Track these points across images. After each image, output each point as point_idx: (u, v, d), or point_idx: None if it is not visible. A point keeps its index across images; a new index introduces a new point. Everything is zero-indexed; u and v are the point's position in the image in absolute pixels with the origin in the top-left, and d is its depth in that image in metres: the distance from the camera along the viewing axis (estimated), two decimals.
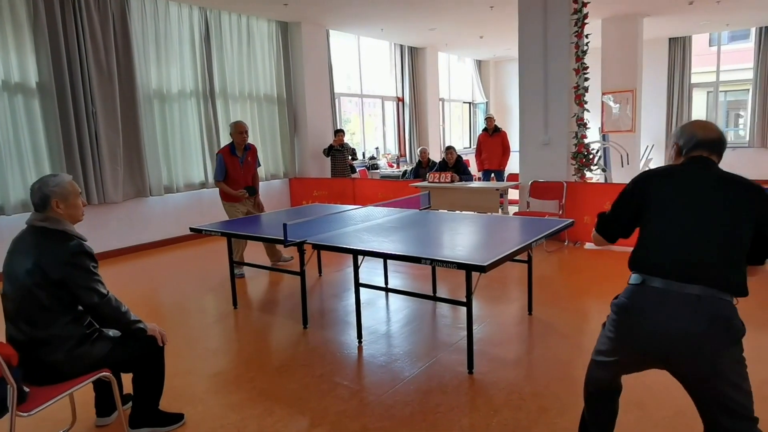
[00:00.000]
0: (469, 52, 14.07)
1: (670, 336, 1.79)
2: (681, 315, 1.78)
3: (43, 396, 2.30)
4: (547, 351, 3.61)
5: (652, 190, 1.95)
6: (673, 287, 1.81)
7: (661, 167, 2.02)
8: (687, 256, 1.82)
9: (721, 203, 1.84)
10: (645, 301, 1.85)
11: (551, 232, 3.73)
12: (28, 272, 2.35)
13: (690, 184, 1.90)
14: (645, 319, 1.83)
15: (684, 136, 2.02)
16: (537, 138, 6.94)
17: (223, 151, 5.64)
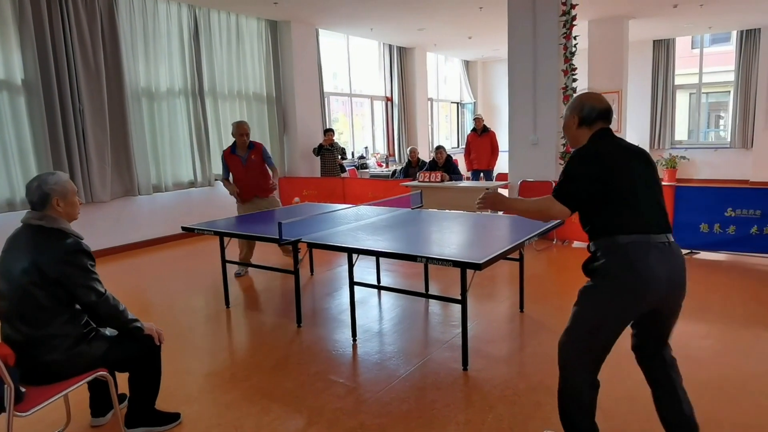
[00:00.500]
0: (458, 53, 14.14)
1: (671, 277, 2.13)
2: (671, 259, 2.12)
3: (40, 396, 2.29)
4: (540, 347, 3.66)
5: (611, 168, 2.15)
6: (656, 239, 2.11)
7: (598, 147, 2.21)
8: (654, 214, 2.15)
9: (646, 167, 2.21)
10: (646, 253, 2.08)
11: (543, 231, 3.78)
12: (24, 271, 2.33)
13: (624, 158, 2.18)
14: (650, 267, 2.07)
15: (585, 108, 2.25)
16: (526, 138, 7.01)
17: (225, 151, 5.69)
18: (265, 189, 5.69)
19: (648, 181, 2.18)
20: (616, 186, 2.12)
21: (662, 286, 2.10)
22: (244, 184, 5.61)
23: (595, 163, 2.15)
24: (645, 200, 2.14)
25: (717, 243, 5.75)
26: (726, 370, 3.24)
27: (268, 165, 5.72)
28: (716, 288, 4.81)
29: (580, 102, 2.27)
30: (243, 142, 5.57)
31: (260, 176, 5.65)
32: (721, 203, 5.69)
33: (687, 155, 12.70)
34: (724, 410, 2.78)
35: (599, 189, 2.13)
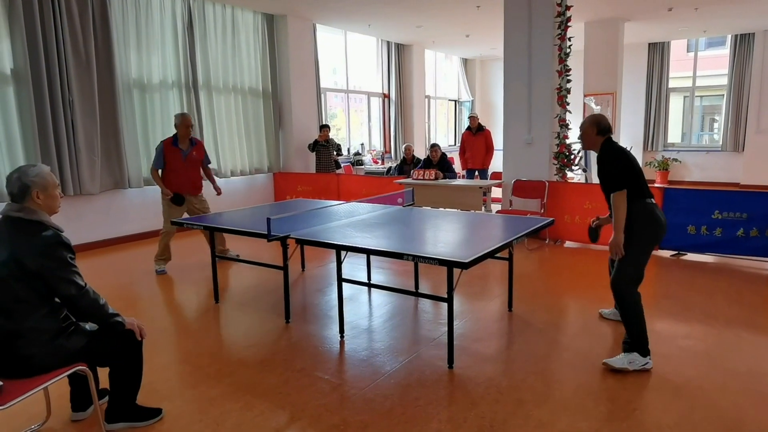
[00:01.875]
0: (456, 50, 14.12)
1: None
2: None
3: (18, 389, 2.26)
4: (526, 346, 3.65)
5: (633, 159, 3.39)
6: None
7: (621, 147, 3.42)
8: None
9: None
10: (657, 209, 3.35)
11: (531, 231, 3.77)
12: (2, 263, 2.30)
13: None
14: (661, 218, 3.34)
15: (601, 124, 3.41)
16: (520, 137, 7.00)
17: (166, 142, 5.55)
18: (198, 187, 5.69)
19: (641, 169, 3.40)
20: (638, 169, 3.34)
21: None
22: (181, 179, 5.53)
23: (628, 157, 3.34)
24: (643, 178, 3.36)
25: (704, 245, 5.77)
26: (707, 369, 3.25)
27: (206, 164, 5.75)
28: (701, 289, 4.82)
29: (598, 119, 3.42)
30: (187, 133, 5.52)
31: (196, 173, 5.67)
32: (709, 205, 5.71)
33: (679, 158, 12.74)
34: (701, 411, 2.78)
35: (633, 170, 3.29)
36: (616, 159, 3.31)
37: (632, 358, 3.24)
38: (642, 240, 3.28)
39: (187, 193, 5.59)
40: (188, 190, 5.59)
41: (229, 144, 8.48)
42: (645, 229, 3.27)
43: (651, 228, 3.29)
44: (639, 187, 3.29)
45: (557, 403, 2.88)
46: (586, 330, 3.94)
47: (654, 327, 4.06)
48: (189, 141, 5.57)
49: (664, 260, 5.88)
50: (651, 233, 3.30)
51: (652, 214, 3.28)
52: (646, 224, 3.27)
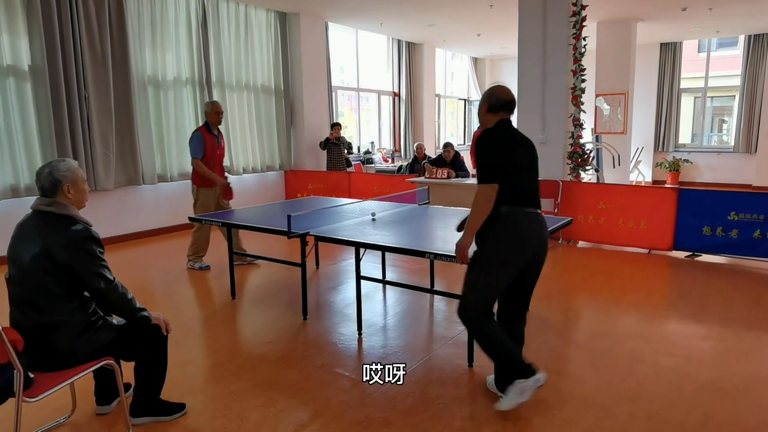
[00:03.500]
0: (466, 50, 14.10)
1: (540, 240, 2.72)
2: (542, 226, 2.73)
3: (49, 382, 2.29)
4: (544, 345, 3.66)
5: (516, 151, 2.68)
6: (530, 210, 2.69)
7: (508, 133, 2.71)
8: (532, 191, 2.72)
9: (532, 156, 2.74)
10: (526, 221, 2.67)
11: (553, 230, 3.77)
12: (34, 257, 2.32)
13: (516, 143, 2.70)
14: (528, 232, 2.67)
15: (493, 99, 2.69)
16: (534, 137, 6.87)
17: (201, 129, 5.50)
18: (225, 176, 5.71)
19: (529, 167, 2.72)
20: (521, 166, 2.65)
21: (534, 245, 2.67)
22: (217, 167, 5.54)
23: (504, 145, 2.65)
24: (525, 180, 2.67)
25: (719, 246, 5.74)
26: (727, 371, 3.24)
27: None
28: (717, 291, 4.80)
29: (491, 92, 2.73)
30: (218, 121, 5.51)
31: (222, 162, 5.71)
32: (725, 207, 5.69)
33: (690, 158, 12.68)
34: (725, 412, 2.78)
35: (504, 165, 2.60)
36: (490, 145, 2.63)
37: (520, 389, 2.64)
38: (492, 254, 2.62)
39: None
40: (222, 178, 5.61)
41: (241, 141, 8.50)
42: (499, 241, 2.60)
43: (508, 242, 2.59)
44: (513, 187, 2.58)
45: (579, 402, 2.88)
46: (603, 330, 3.94)
47: (673, 328, 4.06)
48: (218, 129, 5.58)
49: (678, 261, 5.86)
50: (506, 248, 2.60)
51: (515, 224, 2.59)
52: (502, 236, 2.59)
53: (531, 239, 2.64)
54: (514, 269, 2.65)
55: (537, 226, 2.68)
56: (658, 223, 6.04)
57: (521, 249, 2.62)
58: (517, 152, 2.65)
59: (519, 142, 2.72)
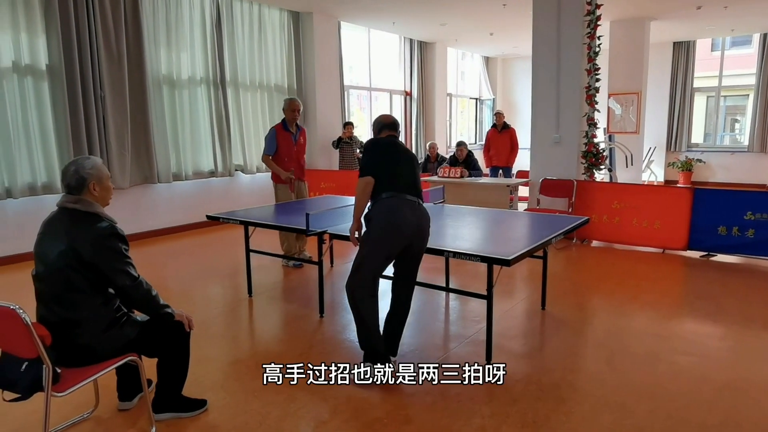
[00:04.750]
0: (478, 49, 14.08)
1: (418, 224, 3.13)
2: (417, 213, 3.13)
3: (75, 377, 2.32)
4: (561, 344, 3.66)
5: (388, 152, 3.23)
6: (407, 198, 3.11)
7: (381, 140, 3.29)
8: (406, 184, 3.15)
9: (407, 156, 3.28)
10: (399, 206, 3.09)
11: (569, 229, 3.77)
12: (61, 254, 2.35)
13: (395, 149, 3.25)
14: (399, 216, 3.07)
15: (377, 125, 3.35)
16: (548, 136, 6.97)
17: (277, 126, 5.57)
18: (304, 172, 5.74)
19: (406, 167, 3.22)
20: (391, 161, 3.17)
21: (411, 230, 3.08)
22: (292, 163, 5.55)
23: (378, 149, 3.25)
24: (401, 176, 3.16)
25: (735, 246, 5.70)
26: (746, 371, 3.22)
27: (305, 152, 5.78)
28: (734, 291, 4.77)
29: (377, 120, 3.38)
30: (294, 118, 5.53)
31: (302, 159, 5.70)
32: (741, 206, 5.65)
33: (703, 158, 12.58)
34: (745, 412, 2.77)
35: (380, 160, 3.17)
36: (367, 150, 3.29)
37: (365, 365, 3.05)
38: (372, 236, 3.09)
39: (297, 179, 5.62)
40: (298, 175, 5.61)
41: (255, 140, 8.54)
42: (377, 225, 3.07)
43: (382, 225, 3.06)
44: (387, 178, 3.09)
45: (598, 400, 2.88)
46: (619, 328, 3.93)
47: (690, 327, 4.05)
48: (296, 126, 5.61)
49: (693, 261, 5.83)
50: (380, 231, 3.06)
51: (389, 210, 3.05)
52: (378, 219, 3.07)
53: (400, 221, 3.05)
54: (389, 248, 3.10)
55: (407, 208, 3.08)
56: (673, 223, 6.01)
57: (396, 229, 3.06)
58: (387, 151, 3.23)
59: (391, 144, 3.28)
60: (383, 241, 3.06)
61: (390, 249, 3.08)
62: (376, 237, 3.07)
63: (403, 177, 3.14)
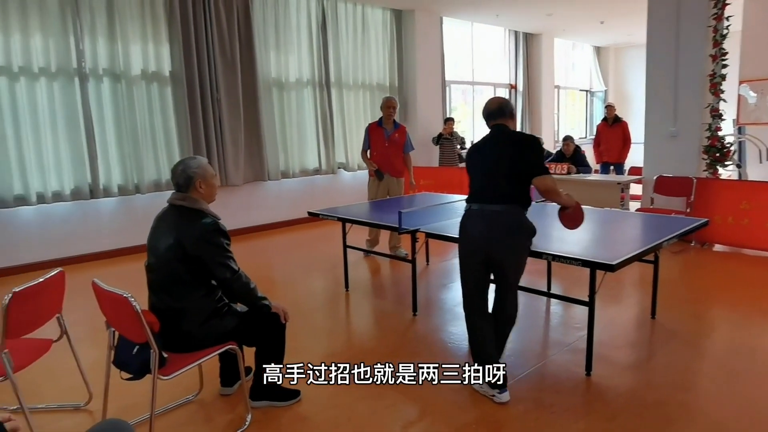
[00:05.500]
0: (588, 38, 13.33)
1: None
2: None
3: (179, 362, 2.49)
4: (671, 358, 3.34)
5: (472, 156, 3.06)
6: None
7: (476, 143, 3.09)
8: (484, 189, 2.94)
9: (498, 152, 2.90)
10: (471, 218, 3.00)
11: (684, 232, 3.43)
12: (169, 247, 2.54)
13: (484, 146, 2.99)
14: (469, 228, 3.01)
15: (485, 111, 3.01)
16: (664, 130, 6.41)
17: (371, 124, 5.85)
18: (396, 170, 5.80)
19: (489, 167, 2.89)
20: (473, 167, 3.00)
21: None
22: (382, 158, 5.73)
23: (469, 157, 3.07)
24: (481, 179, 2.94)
25: None
26: None
27: (406, 150, 5.84)
28: None
29: (485, 104, 3.03)
30: (389, 115, 5.71)
31: (397, 156, 5.79)
32: None
33: None
34: None
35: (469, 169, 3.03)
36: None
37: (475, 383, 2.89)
38: (460, 246, 3.06)
39: (386, 173, 5.80)
40: (387, 169, 5.79)
41: (357, 138, 8.70)
42: (459, 237, 3.04)
43: (460, 237, 3.03)
44: (470, 186, 3.00)
45: (716, 426, 2.59)
46: (743, 345, 3.51)
47: None
48: (393, 123, 5.79)
49: None
50: (460, 242, 3.04)
51: (461, 225, 3.00)
52: (459, 232, 3.03)
53: (470, 234, 2.94)
54: (469, 261, 2.99)
55: (479, 219, 2.89)
56: None
57: (467, 243, 2.98)
58: (471, 155, 3.05)
59: (490, 145, 2.96)
60: (460, 255, 3.06)
61: (467, 263, 3.02)
62: (460, 248, 3.06)
63: (479, 182, 2.96)
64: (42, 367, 2.82)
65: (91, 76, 6.07)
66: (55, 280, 2.69)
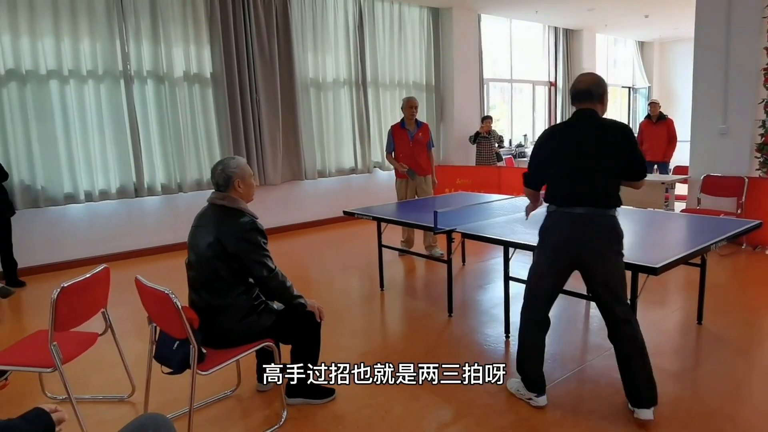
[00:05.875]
0: (631, 33, 12.96)
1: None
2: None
3: (218, 358, 2.53)
4: (720, 366, 3.21)
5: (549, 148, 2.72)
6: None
7: (548, 130, 2.78)
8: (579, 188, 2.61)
9: (590, 145, 2.60)
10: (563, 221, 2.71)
11: (734, 234, 3.29)
12: (209, 245, 2.59)
13: (568, 136, 2.64)
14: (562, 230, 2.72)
15: (570, 96, 2.68)
16: (712, 127, 6.17)
17: (394, 126, 5.86)
18: (423, 168, 5.79)
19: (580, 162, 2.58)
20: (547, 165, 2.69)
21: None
22: (408, 159, 5.74)
23: (540, 144, 2.75)
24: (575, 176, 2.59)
25: None
26: None
27: (429, 147, 5.82)
28: None
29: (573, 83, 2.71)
30: (411, 115, 5.70)
31: (422, 155, 5.78)
32: None
33: None
34: None
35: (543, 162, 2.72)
36: (533, 148, 2.80)
37: (518, 385, 2.84)
38: (539, 251, 2.79)
39: (414, 172, 5.82)
40: (415, 169, 5.81)
41: None
42: (541, 238, 2.78)
43: (544, 239, 2.75)
44: (551, 184, 2.69)
45: None
46: None
47: None
48: (415, 123, 5.81)
49: None
50: (543, 246, 2.76)
51: (545, 229, 2.73)
52: (542, 233, 2.76)
53: (563, 238, 2.64)
54: (553, 266, 2.70)
55: (572, 223, 2.60)
56: None
57: (557, 248, 2.68)
58: (559, 149, 2.64)
59: (572, 135, 2.62)
60: (544, 258, 2.76)
61: (546, 269, 2.75)
62: (539, 252, 2.79)
63: (567, 181, 2.59)
64: (88, 360, 2.92)
65: (135, 78, 6.26)
66: (100, 276, 2.78)
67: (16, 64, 5.54)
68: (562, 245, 2.64)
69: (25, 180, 5.72)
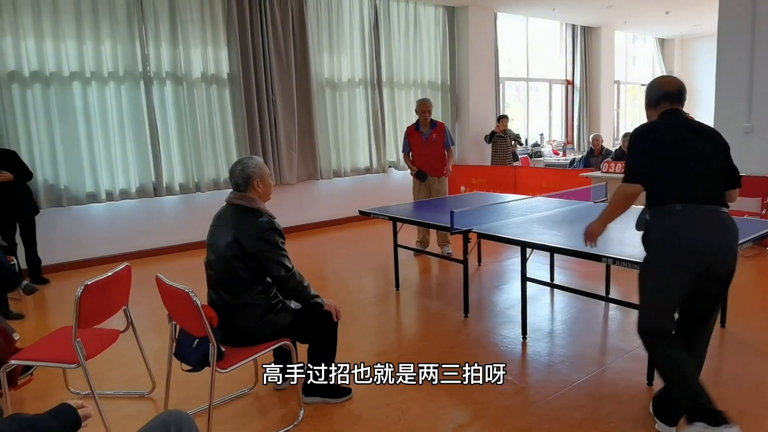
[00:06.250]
0: (651, 30, 12.78)
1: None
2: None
3: (236, 356, 2.56)
4: (743, 370, 3.15)
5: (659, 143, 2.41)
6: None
7: (652, 126, 2.47)
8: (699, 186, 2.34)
9: (702, 142, 2.39)
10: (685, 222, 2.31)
11: (759, 236, 3.23)
12: (228, 245, 2.62)
13: (678, 133, 2.39)
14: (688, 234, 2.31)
15: (649, 92, 2.51)
16: (737, 125, 6.06)
17: (409, 128, 5.90)
18: (437, 168, 5.78)
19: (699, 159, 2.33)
20: (662, 161, 2.35)
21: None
22: (422, 160, 5.76)
23: (646, 140, 2.40)
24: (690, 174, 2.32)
25: None
26: None
27: (447, 146, 5.79)
28: None
29: (652, 84, 2.54)
30: (425, 119, 5.71)
31: (438, 156, 5.77)
32: None
33: None
34: None
35: (651, 161, 2.36)
36: (631, 141, 2.44)
37: (700, 428, 2.22)
38: (651, 263, 2.36)
39: (428, 173, 5.84)
40: (429, 170, 5.83)
41: None
42: (656, 249, 2.33)
43: (663, 247, 2.29)
44: (668, 182, 2.30)
45: None
46: None
47: None
48: (430, 124, 5.81)
49: None
50: (662, 255, 2.30)
51: (673, 229, 2.25)
52: (659, 240, 2.31)
53: (690, 242, 2.23)
54: (673, 278, 2.29)
55: (694, 224, 2.25)
56: None
57: (685, 253, 2.25)
58: (658, 142, 2.39)
59: (677, 133, 2.39)
60: (663, 271, 2.31)
61: (672, 279, 2.30)
62: (655, 266, 2.35)
63: (693, 177, 2.31)
64: (109, 356, 2.97)
65: (155, 79, 6.34)
66: (122, 274, 2.82)
67: (40, 66, 5.65)
68: (702, 248, 2.25)
69: (48, 179, 5.83)
